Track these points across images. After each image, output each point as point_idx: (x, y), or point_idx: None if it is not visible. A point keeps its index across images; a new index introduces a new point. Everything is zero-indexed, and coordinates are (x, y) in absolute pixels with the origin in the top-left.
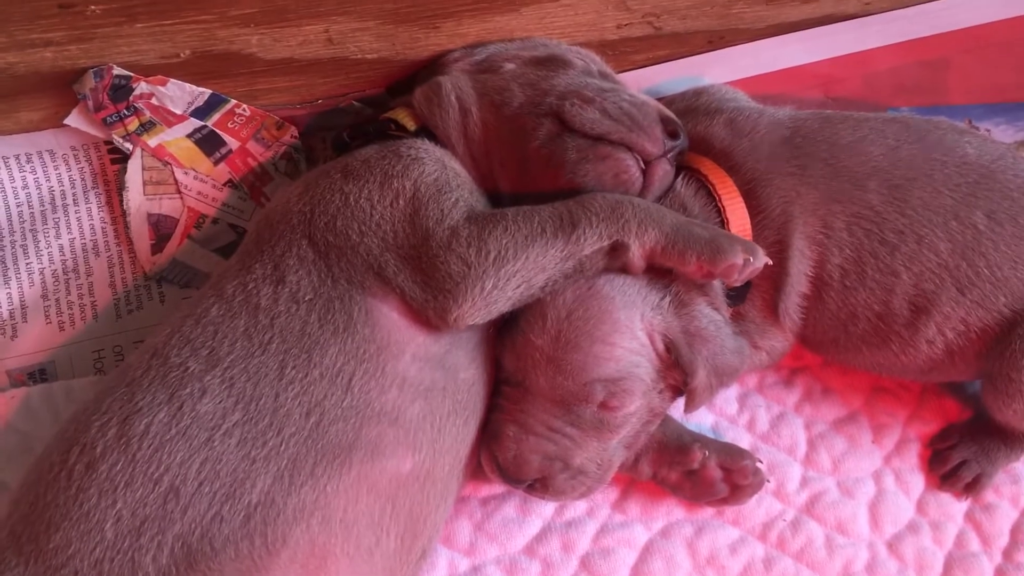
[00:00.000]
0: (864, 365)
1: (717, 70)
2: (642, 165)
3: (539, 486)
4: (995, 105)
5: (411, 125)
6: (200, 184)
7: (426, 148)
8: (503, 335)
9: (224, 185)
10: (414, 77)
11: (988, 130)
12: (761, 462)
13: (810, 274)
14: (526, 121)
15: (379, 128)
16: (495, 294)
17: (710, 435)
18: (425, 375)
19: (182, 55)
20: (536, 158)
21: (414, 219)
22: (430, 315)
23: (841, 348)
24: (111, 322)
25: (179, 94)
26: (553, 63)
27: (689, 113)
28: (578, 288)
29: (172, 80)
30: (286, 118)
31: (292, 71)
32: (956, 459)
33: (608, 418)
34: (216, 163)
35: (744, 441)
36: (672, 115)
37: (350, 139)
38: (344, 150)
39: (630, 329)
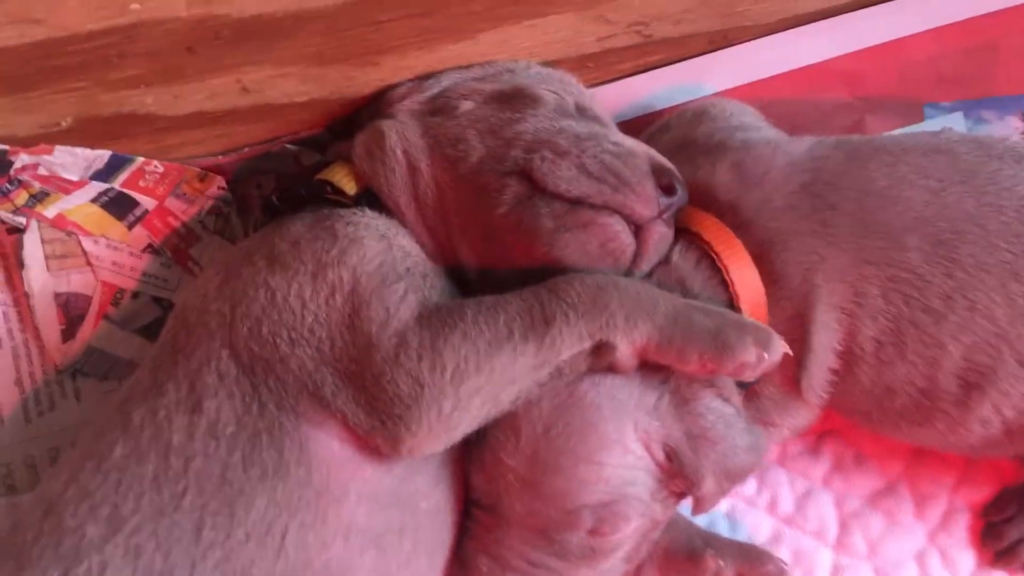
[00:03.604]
0: (903, 439)
1: (720, 74)
2: (632, 229)
3: None
4: None
5: (350, 187)
6: (114, 253)
7: (366, 222)
8: (472, 447)
9: (143, 251)
10: (358, 114)
11: None
12: (786, 564)
13: (839, 348)
14: (488, 181)
15: (313, 191)
16: (455, 416)
17: (724, 524)
18: (376, 518)
19: (63, 123)
20: (503, 226)
21: (354, 322)
22: (379, 444)
23: (876, 422)
24: (20, 428)
25: (71, 160)
26: (519, 100)
27: (686, 149)
28: (557, 396)
29: (59, 147)
30: (209, 168)
31: (205, 123)
32: (1015, 535)
33: (599, 544)
34: (130, 227)
35: (765, 527)
36: (666, 164)
37: (281, 202)
38: (275, 214)
39: (621, 442)
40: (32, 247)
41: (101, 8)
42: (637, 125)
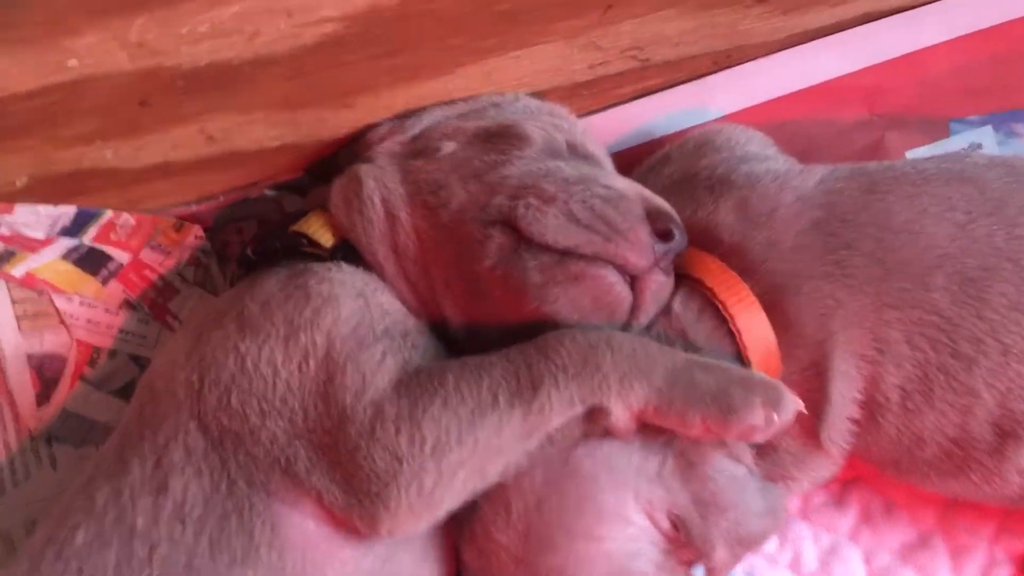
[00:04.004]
0: (935, 491)
1: (726, 96)
2: (628, 279)
3: None
4: None
5: (327, 239)
6: (88, 310)
7: (342, 279)
8: (461, 518)
9: (119, 307)
10: (338, 156)
11: None
12: None
13: (860, 397)
14: (470, 231)
15: (289, 244)
16: (438, 493)
17: None
18: None
19: (18, 182)
20: (488, 280)
21: (327, 391)
22: (356, 523)
23: (904, 472)
24: None
25: (33, 218)
26: (505, 139)
27: (688, 184)
28: (550, 466)
29: (19, 206)
30: (185, 217)
31: (173, 173)
32: None
33: None
34: (105, 282)
35: None
36: (662, 207)
37: (256, 256)
38: (251, 267)
39: (622, 514)
40: (1, 308)
41: (37, 67)
42: (638, 153)
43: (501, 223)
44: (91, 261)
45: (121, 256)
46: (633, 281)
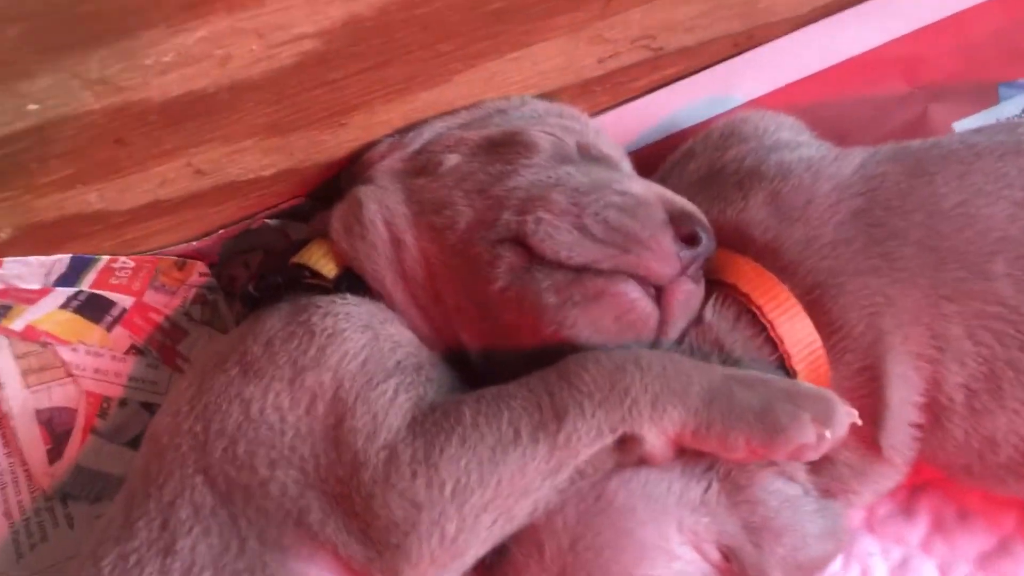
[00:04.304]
0: (1013, 495)
1: (750, 80)
2: (652, 292)
3: None
4: None
5: (330, 269)
6: (95, 359)
7: (348, 311)
8: (491, 564)
9: (126, 354)
10: (339, 177)
11: None
12: None
13: (921, 400)
14: (479, 251)
15: (291, 277)
16: (462, 540)
17: None
18: None
19: (2, 235)
20: (501, 304)
21: (338, 435)
22: None
23: (977, 477)
24: (12, 565)
25: (25, 270)
26: (510, 148)
27: (715, 180)
28: (582, 501)
29: (7, 259)
30: (186, 255)
31: (166, 211)
32: None
33: None
34: (109, 328)
35: None
36: (686, 208)
37: (258, 292)
38: (255, 304)
39: (665, 548)
40: (5, 364)
41: None
42: (661, 149)
43: (511, 241)
44: (93, 308)
45: (124, 300)
46: (659, 293)
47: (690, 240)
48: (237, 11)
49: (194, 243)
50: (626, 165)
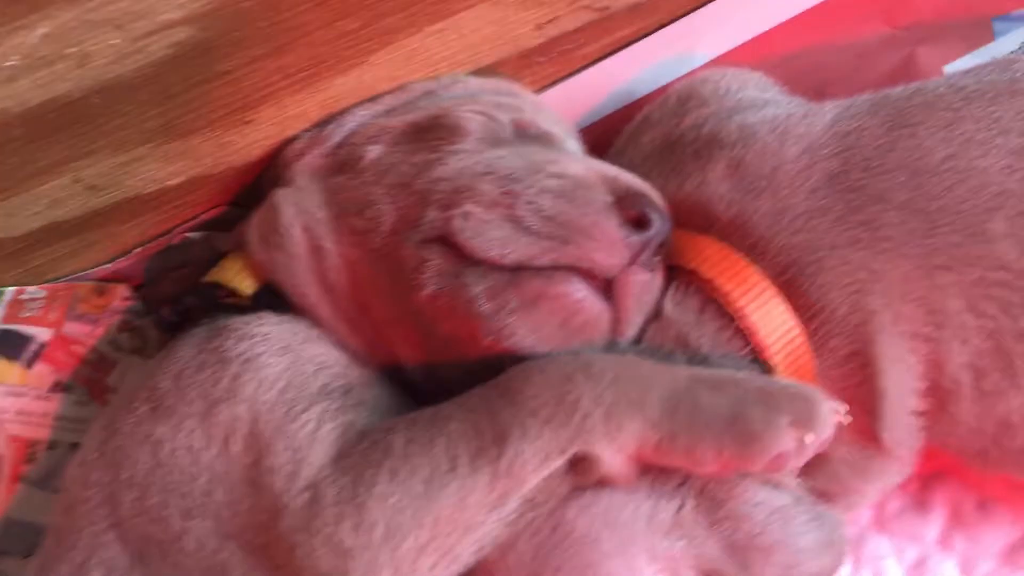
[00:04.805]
0: None
1: (713, 35)
2: (601, 286)
3: None
4: None
5: (247, 285)
6: (16, 400)
7: (265, 332)
8: None
9: (51, 391)
10: (261, 179)
11: None
12: None
13: (922, 385)
14: (404, 254)
15: (207, 298)
16: None
17: None
18: None
19: None
20: (432, 312)
21: (256, 476)
22: None
23: (995, 463)
24: None
25: None
26: (435, 133)
27: (670, 153)
28: (537, 534)
29: None
30: (106, 278)
31: (66, 233)
32: None
33: None
34: (29, 365)
35: None
36: (633, 186)
37: (175, 316)
38: (175, 329)
39: None
40: None
41: None
42: (619, 121)
43: (438, 241)
44: (7, 345)
45: (41, 333)
46: (608, 287)
47: (639, 223)
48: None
49: (108, 265)
50: (571, 143)
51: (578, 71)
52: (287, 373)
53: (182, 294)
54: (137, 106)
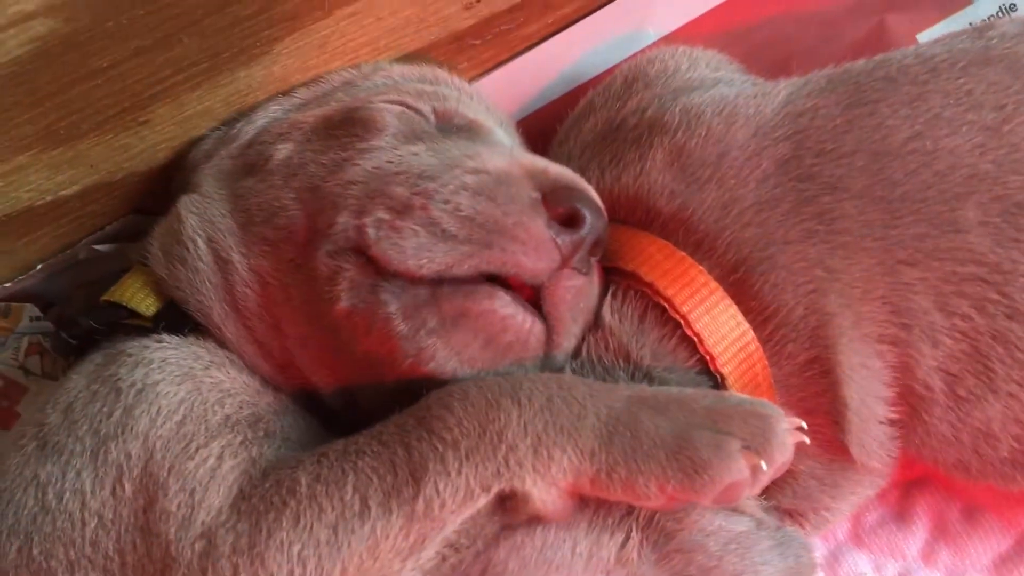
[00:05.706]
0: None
1: (665, 10)
2: (530, 296)
3: None
4: None
5: (148, 304)
6: None
7: (163, 358)
8: None
9: None
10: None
11: None
12: None
13: (890, 393)
14: (316, 265)
15: (106, 320)
16: None
17: None
18: None
19: None
20: (347, 329)
21: (148, 522)
22: None
23: (977, 475)
24: None
25: None
26: (348, 129)
27: (610, 140)
28: None
29: None
30: (10, 299)
31: None
32: None
33: None
34: None
35: None
36: (562, 180)
37: (73, 339)
38: (73, 352)
39: None
40: None
41: None
42: (566, 106)
43: (353, 250)
44: None
45: None
46: (538, 295)
47: (570, 220)
48: None
49: (7, 284)
50: (501, 133)
51: (519, 54)
52: (186, 403)
53: (72, 317)
54: (3, 111)
